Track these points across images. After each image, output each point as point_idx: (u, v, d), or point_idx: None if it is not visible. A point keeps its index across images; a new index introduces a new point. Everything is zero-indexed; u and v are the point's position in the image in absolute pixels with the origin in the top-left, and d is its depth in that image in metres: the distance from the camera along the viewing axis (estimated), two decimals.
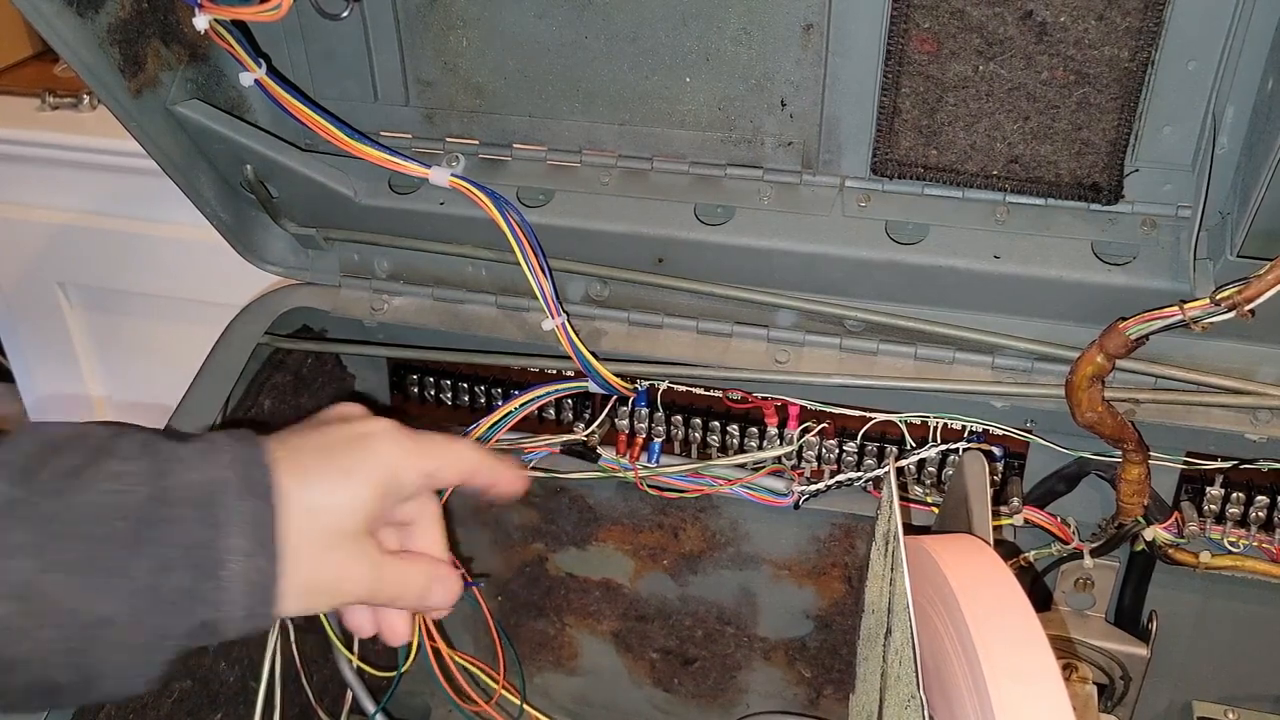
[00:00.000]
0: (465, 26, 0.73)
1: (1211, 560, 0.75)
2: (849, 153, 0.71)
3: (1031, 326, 0.73)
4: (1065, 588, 0.82)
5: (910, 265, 0.71)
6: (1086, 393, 0.67)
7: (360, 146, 0.73)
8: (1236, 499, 0.75)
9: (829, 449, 0.81)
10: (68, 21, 0.64)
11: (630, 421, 0.85)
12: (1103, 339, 0.66)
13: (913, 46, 0.65)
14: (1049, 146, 0.66)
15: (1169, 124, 0.65)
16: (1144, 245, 0.68)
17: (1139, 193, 0.68)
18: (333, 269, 0.86)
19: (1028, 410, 0.74)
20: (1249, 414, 0.70)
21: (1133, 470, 0.72)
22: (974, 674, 0.50)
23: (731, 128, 0.72)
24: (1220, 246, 0.64)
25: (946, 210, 0.71)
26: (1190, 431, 0.71)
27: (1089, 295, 0.69)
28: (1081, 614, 0.82)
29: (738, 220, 0.73)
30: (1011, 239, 0.69)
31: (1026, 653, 0.50)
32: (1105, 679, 0.81)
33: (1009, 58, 0.64)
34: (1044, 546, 0.79)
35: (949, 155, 0.68)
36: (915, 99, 0.67)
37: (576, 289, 0.81)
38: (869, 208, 0.72)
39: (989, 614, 0.52)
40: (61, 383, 1.47)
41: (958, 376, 0.75)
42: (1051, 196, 0.69)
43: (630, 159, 0.76)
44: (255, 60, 0.72)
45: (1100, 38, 0.62)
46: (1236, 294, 0.60)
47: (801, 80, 0.69)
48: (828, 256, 0.72)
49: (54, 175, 1.29)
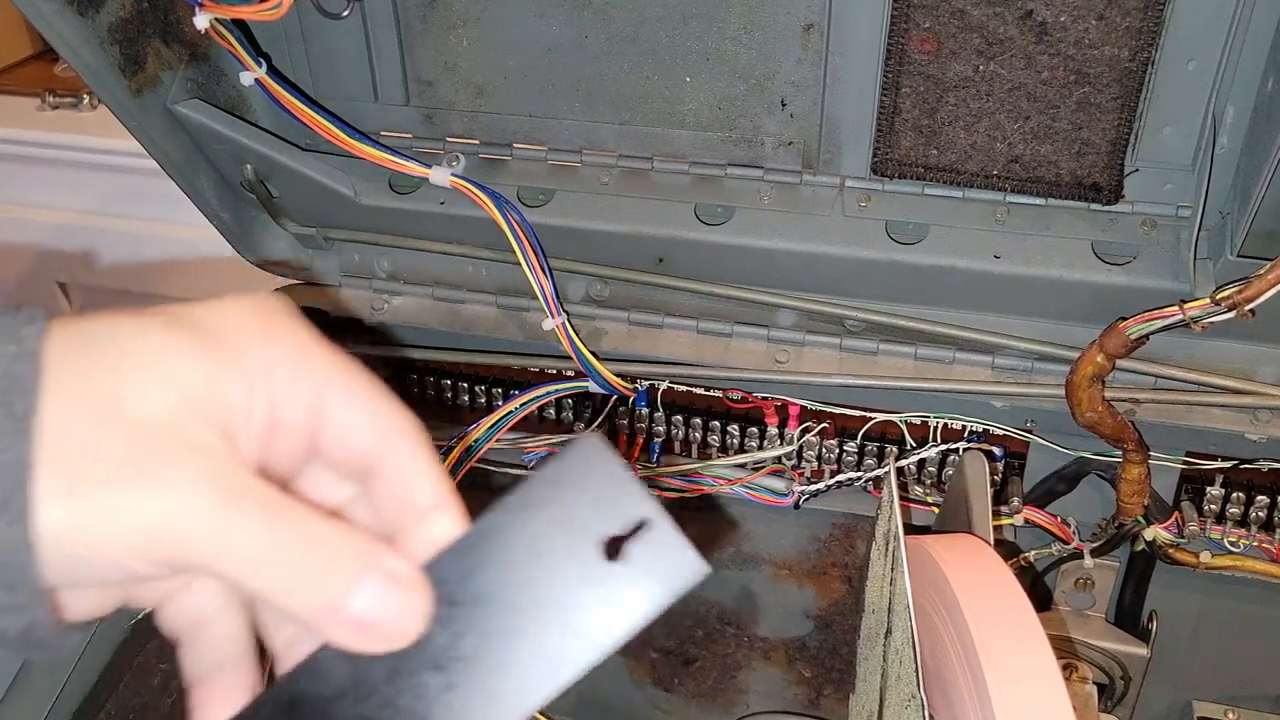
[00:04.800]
0: (465, 26, 0.73)
1: (1212, 560, 0.75)
2: (849, 153, 0.71)
3: (1032, 326, 0.73)
4: (1065, 588, 0.82)
5: (910, 265, 0.70)
6: (1087, 392, 0.67)
7: (360, 146, 0.73)
8: (1237, 499, 0.75)
9: (829, 449, 0.81)
10: (68, 21, 0.64)
11: (630, 421, 0.85)
12: (1103, 339, 0.66)
13: (913, 46, 0.65)
14: (1049, 146, 0.66)
15: (1169, 124, 0.65)
16: (1144, 245, 0.68)
17: (1139, 192, 0.68)
18: (333, 269, 0.86)
19: (1028, 410, 0.74)
20: (1249, 414, 0.70)
21: (1133, 470, 0.72)
22: (974, 674, 0.50)
23: (732, 127, 0.72)
24: (1220, 246, 0.64)
25: (947, 210, 0.71)
26: (1190, 431, 0.71)
27: (1089, 295, 0.69)
28: (1081, 614, 0.82)
29: (738, 220, 0.73)
30: (1012, 239, 0.69)
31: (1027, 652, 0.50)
32: (1105, 679, 0.81)
33: (1009, 57, 0.64)
34: (1044, 546, 0.79)
35: (949, 155, 0.68)
36: (915, 99, 0.67)
37: (577, 289, 0.81)
38: (869, 207, 0.72)
39: (989, 614, 0.52)
40: None
41: (958, 376, 0.75)
42: (1052, 196, 0.69)
43: (630, 159, 0.76)
44: (255, 60, 0.72)
45: (1100, 37, 0.62)
46: (1237, 294, 0.60)
47: (802, 80, 0.69)
48: (828, 256, 0.72)
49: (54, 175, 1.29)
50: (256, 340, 0.31)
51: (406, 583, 0.31)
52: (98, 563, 0.29)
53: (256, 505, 0.30)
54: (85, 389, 0.29)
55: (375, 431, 0.32)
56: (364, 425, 0.32)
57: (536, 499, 0.32)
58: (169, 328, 0.30)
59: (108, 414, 0.29)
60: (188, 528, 0.29)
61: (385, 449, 0.33)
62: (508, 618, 0.32)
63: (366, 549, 0.31)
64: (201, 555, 0.29)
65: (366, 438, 0.32)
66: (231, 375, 0.30)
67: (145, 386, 0.29)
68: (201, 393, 0.30)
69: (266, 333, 0.32)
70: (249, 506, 0.30)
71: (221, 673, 0.34)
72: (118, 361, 0.29)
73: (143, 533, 0.28)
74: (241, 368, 0.31)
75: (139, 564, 0.29)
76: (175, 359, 0.30)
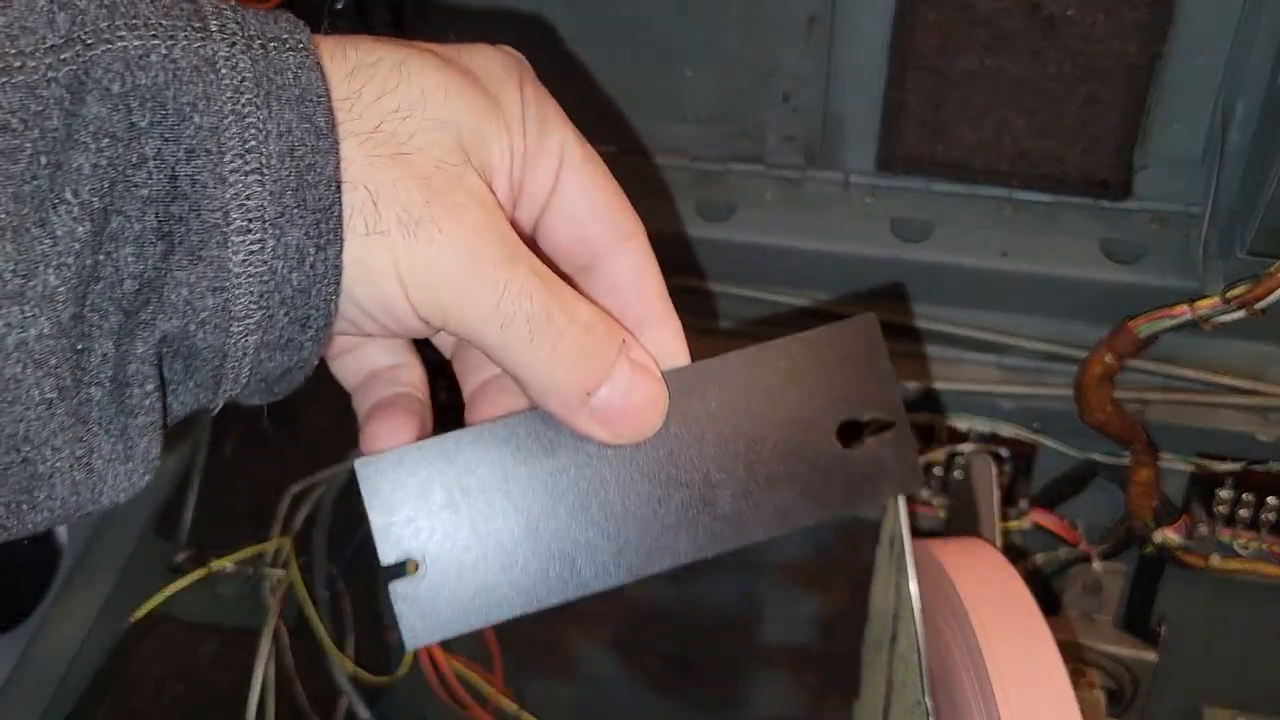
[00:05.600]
0: (464, 20, 0.72)
1: (1221, 563, 0.74)
2: (853, 148, 0.71)
3: (1039, 325, 0.72)
4: (1073, 591, 0.81)
5: (916, 263, 0.70)
6: (1095, 392, 0.67)
7: None
8: (1247, 501, 0.74)
9: None
10: None
11: None
12: (1111, 338, 0.65)
13: (918, 40, 0.64)
14: (1056, 142, 0.66)
15: (1178, 119, 0.64)
16: (1153, 242, 0.67)
17: (1148, 189, 0.67)
18: None
19: (1035, 410, 0.73)
20: (1260, 414, 0.69)
21: (1142, 472, 0.71)
22: (981, 680, 0.49)
23: (734, 122, 0.71)
24: (1230, 244, 0.64)
25: (953, 207, 0.70)
26: (1200, 432, 0.70)
27: (1097, 293, 0.68)
28: (1090, 618, 0.81)
29: (740, 216, 0.72)
30: (1019, 236, 0.69)
31: (1034, 658, 0.50)
32: (1114, 685, 0.81)
33: (1016, 51, 0.63)
34: (1052, 549, 0.78)
35: (955, 150, 0.68)
36: (921, 93, 0.66)
37: None
38: (874, 204, 0.71)
39: (996, 618, 0.51)
40: None
41: (964, 376, 0.74)
42: (1059, 193, 0.68)
43: (631, 153, 0.75)
44: None
45: (1108, 32, 0.61)
46: (1247, 292, 0.59)
47: (805, 74, 0.68)
48: (832, 254, 0.71)
49: None
50: (513, 93, 0.30)
51: (652, 376, 0.30)
52: (369, 305, 0.27)
53: (528, 267, 0.28)
54: (372, 121, 0.27)
55: (606, 226, 0.31)
56: (596, 216, 0.30)
57: (791, 354, 0.31)
58: (443, 69, 0.28)
59: (393, 150, 0.27)
60: (470, 275, 0.27)
61: (611, 247, 0.31)
62: (718, 461, 0.31)
63: (619, 334, 0.30)
64: (475, 309, 0.27)
65: (596, 230, 0.31)
66: (496, 126, 0.29)
67: (429, 128, 0.27)
68: (475, 140, 0.28)
69: (520, 88, 0.30)
70: (523, 268, 0.28)
71: (394, 406, 0.33)
72: (399, 96, 0.27)
73: (424, 276, 0.27)
74: (504, 120, 0.29)
75: (406, 311, 0.27)
76: (455, 100, 0.28)
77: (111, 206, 0.24)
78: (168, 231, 0.25)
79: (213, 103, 0.25)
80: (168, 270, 0.25)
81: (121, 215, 0.24)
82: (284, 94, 0.26)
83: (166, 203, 0.25)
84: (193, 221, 0.25)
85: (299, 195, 0.25)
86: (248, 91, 0.25)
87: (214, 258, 0.25)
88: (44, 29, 0.23)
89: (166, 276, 0.25)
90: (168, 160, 0.24)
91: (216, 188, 0.25)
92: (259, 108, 0.25)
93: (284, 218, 0.25)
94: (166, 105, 0.24)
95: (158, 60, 0.24)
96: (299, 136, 0.25)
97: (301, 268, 0.26)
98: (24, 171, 0.23)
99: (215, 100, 0.25)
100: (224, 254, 0.25)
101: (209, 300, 0.25)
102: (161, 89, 0.24)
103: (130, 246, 0.25)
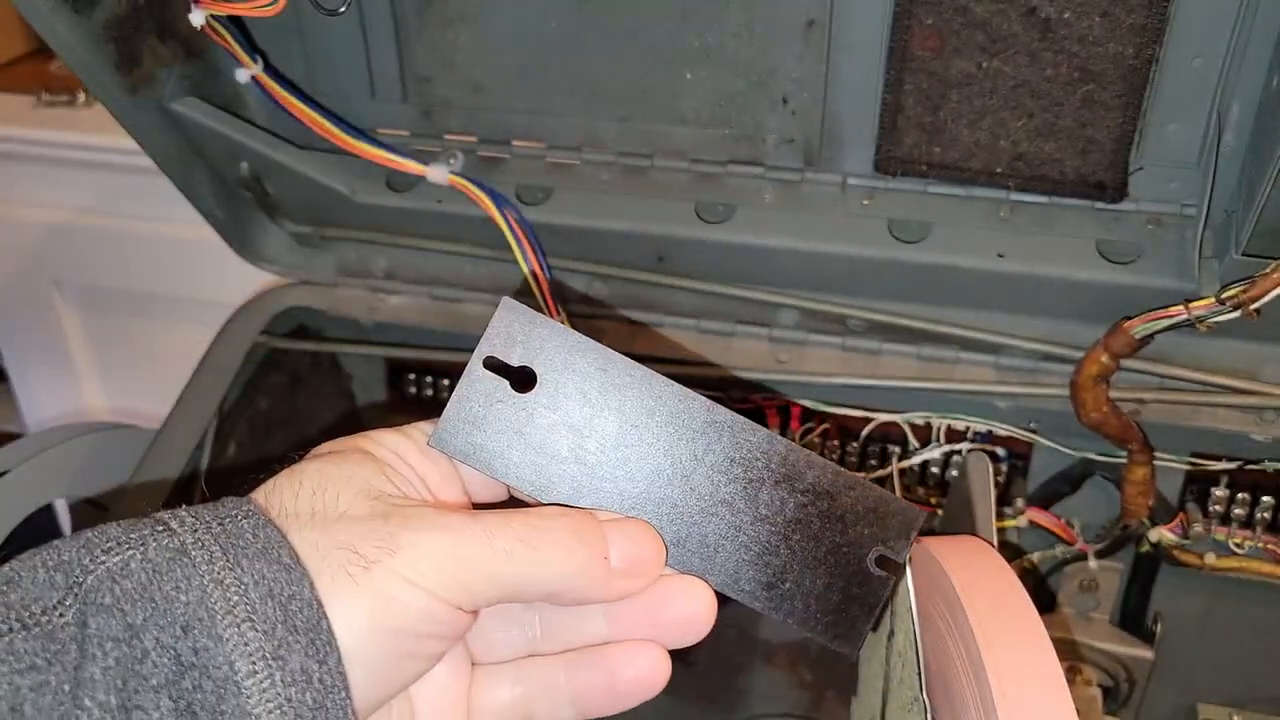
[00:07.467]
0: (463, 21, 0.72)
1: (1217, 562, 0.74)
2: (851, 150, 0.71)
3: (1036, 325, 0.72)
4: (1069, 589, 0.81)
5: (913, 264, 0.70)
6: (1091, 392, 0.67)
7: (357, 144, 0.72)
8: (1242, 500, 0.75)
9: (831, 450, 0.80)
10: (63, 18, 0.63)
11: None
12: (1108, 338, 0.66)
13: (916, 43, 0.64)
14: (1053, 144, 0.66)
15: (1174, 121, 0.64)
16: (1149, 244, 0.67)
17: (1144, 191, 0.67)
18: (329, 268, 0.86)
19: (1032, 410, 0.73)
20: (1255, 414, 0.70)
21: (1138, 471, 0.71)
22: (977, 676, 0.50)
23: (732, 124, 0.72)
24: (1226, 245, 0.64)
25: (950, 208, 0.70)
26: (1196, 432, 0.70)
27: (1094, 294, 0.68)
28: (1086, 616, 0.82)
29: (739, 218, 0.73)
30: (1015, 237, 0.69)
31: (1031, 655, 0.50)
32: (1110, 682, 0.81)
33: (1013, 54, 0.63)
34: (1048, 548, 0.79)
35: (952, 152, 0.68)
36: (918, 96, 0.66)
37: (576, 287, 0.81)
38: (871, 205, 0.71)
39: (992, 616, 0.51)
40: (56, 381, 1.47)
41: (961, 376, 0.74)
42: (1056, 194, 0.68)
43: (630, 156, 0.75)
44: (252, 56, 0.71)
45: (1104, 34, 0.61)
46: (1242, 293, 0.60)
47: (803, 77, 0.68)
48: (830, 255, 0.71)
49: (49, 173, 1.28)
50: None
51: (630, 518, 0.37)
52: (415, 624, 0.32)
53: (487, 517, 0.34)
54: (306, 511, 0.33)
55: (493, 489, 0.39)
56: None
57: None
58: (322, 456, 0.36)
59: (338, 513, 0.33)
60: (459, 544, 0.32)
61: None
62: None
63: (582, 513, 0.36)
64: (481, 567, 0.33)
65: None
66: (379, 463, 0.37)
67: (344, 485, 0.34)
68: (377, 477, 0.35)
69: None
70: (484, 517, 0.34)
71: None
72: (309, 483, 0.34)
73: (430, 569, 0.32)
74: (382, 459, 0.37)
75: (441, 607, 0.32)
76: (341, 461, 0.35)
77: (129, 701, 0.28)
78: (186, 704, 0.28)
79: (193, 580, 0.30)
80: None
81: (140, 710, 0.28)
82: (249, 550, 0.31)
83: (178, 681, 0.28)
84: (206, 684, 0.29)
85: (289, 624, 0.30)
86: (219, 560, 0.30)
87: (234, 708, 0.29)
88: (48, 592, 0.29)
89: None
90: (168, 645, 0.29)
91: (217, 647, 0.29)
92: (232, 568, 0.30)
93: (282, 648, 0.29)
94: (154, 597, 0.29)
95: (137, 565, 0.30)
96: (273, 577, 0.30)
97: (310, 686, 0.29)
98: (51, 701, 0.27)
99: (195, 578, 0.30)
100: (241, 701, 0.29)
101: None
102: (147, 585, 0.29)
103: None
